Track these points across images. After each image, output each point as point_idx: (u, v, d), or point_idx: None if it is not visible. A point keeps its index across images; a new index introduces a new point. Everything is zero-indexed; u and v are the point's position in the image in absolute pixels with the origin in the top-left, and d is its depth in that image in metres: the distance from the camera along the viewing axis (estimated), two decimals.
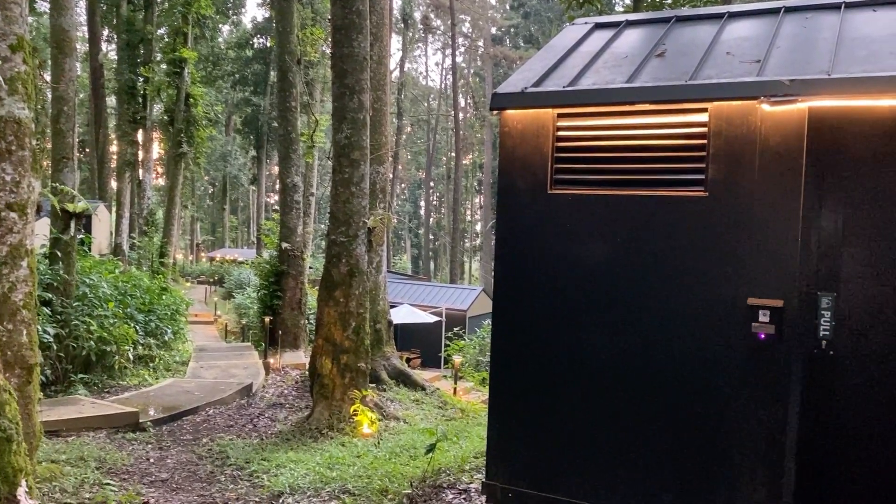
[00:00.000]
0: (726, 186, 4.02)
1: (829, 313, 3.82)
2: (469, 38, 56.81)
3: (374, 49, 12.42)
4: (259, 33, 42.78)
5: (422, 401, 11.92)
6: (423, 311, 23.40)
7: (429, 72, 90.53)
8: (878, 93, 3.63)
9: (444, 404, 11.99)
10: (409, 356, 19.32)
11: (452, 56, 47.80)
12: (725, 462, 4.01)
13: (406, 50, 51.67)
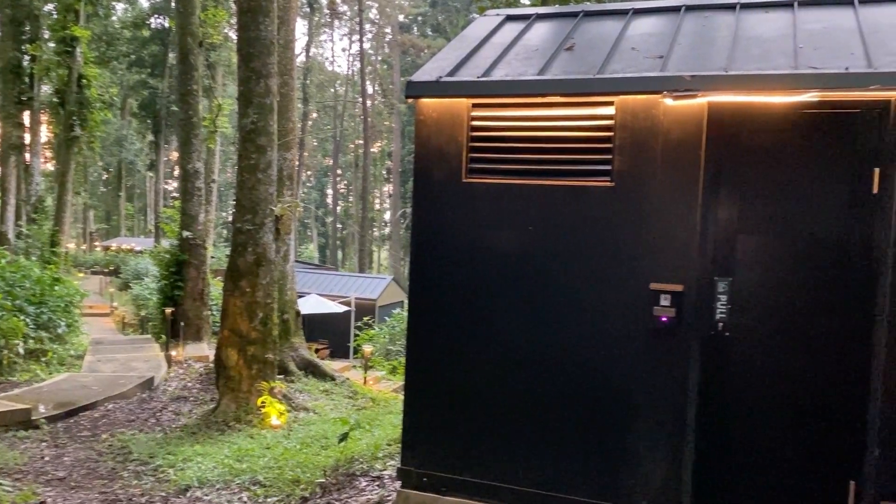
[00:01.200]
0: (631, 177, 4.19)
1: (725, 297, 4.06)
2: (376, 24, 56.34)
3: (281, 32, 12.13)
4: (157, 13, 40.95)
5: (331, 391, 11.84)
6: (332, 300, 23.18)
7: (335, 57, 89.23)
8: (771, 89, 3.87)
9: (354, 394, 11.96)
10: (318, 347, 19.11)
11: (360, 42, 47.35)
12: (631, 440, 4.20)
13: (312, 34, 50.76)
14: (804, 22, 4.53)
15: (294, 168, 13.84)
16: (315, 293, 23.42)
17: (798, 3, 4.79)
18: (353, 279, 27.80)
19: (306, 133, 49.68)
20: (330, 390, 11.90)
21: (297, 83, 30.09)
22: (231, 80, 33.12)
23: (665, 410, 4.15)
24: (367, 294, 25.23)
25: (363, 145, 49.02)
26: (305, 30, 49.11)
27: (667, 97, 4.03)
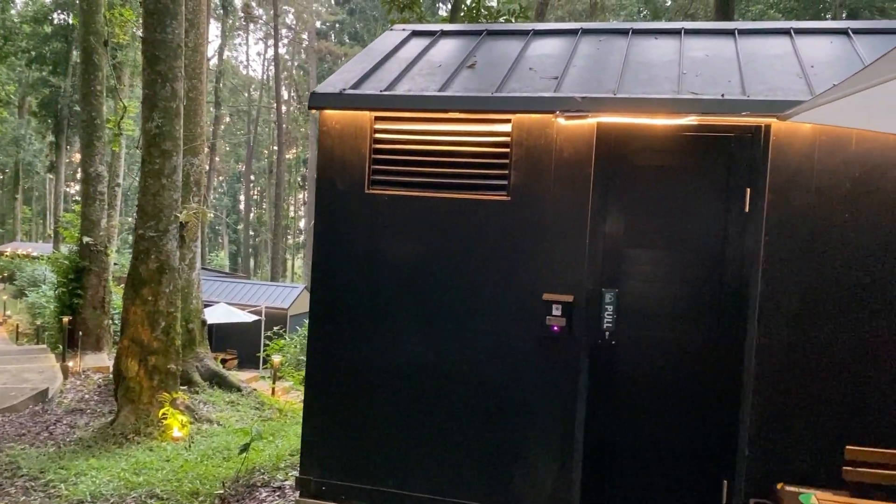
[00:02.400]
0: (527, 192, 4.37)
1: (611, 307, 4.29)
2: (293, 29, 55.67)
3: (190, 35, 11.91)
4: (60, 8, 39.18)
5: (237, 402, 11.62)
6: (242, 309, 22.69)
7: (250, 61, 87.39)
8: (655, 112, 4.12)
9: (261, 405, 11.77)
10: (226, 357, 18.69)
11: (275, 47, 46.65)
12: (525, 444, 4.36)
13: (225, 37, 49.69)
14: (689, 49, 4.84)
15: (202, 173, 13.55)
16: (224, 302, 22.88)
17: (685, 32, 5.12)
18: (264, 288, 27.29)
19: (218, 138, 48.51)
20: (236, 401, 11.68)
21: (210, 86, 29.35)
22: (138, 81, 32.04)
23: (557, 415, 4.33)
24: (279, 303, 24.83)
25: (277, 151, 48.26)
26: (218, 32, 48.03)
27: (559, 117, 4.23)
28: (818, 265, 3.99)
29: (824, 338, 3.99)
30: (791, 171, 4.01)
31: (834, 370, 3.97)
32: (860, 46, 4.63)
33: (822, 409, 3.98)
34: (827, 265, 3.98)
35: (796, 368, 4.02)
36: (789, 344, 4.02)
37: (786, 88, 4.09)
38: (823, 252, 3.98)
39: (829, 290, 3.98)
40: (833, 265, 3.97)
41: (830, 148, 3.96)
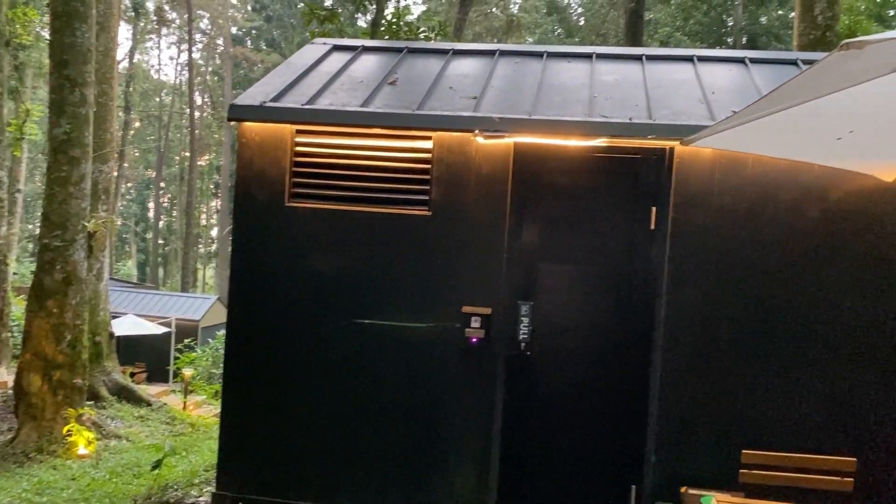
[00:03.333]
0: (447, 207, 4.48)
1: (527, 319, 4.44)
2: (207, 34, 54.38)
3: (101, 39, 11.53)
4: None
5: (147, 417, 11.28)
6: (151, 321, 21.92)
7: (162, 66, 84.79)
8: (567, 134, 4.31)
9: (172, 420, 11.46)
10: (134, 370, 18.01)
11: (189, 52, 45.48)
12: (444, 455, 4.46)
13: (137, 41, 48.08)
14: (600, 73, 5.07)
15: (111, 181, 13.10)
16: (132, 313, 22.05)
17: (596, 56, 5.37)
18: (174, 299, 26.45)
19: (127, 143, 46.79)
20: (146, 416, 11.33)
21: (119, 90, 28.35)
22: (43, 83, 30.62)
23: (475, 424, 4.45)
24: (190, 314, 24.11)
25: (190, 158, 46.92)
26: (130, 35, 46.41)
27: (478, 136, 4.36)
28: (718, 279, 4.26)
29: (725, 348, 4.25)
30: (693, 191, 4.27)
31: (733, 379, 4.24)
32: (756, 75, 4.97)
33: (723, 415, 4.24)
34: (726, 279, 4.25)
35: (699, 378, 4.27)
36: (692, 354, 4.27)
37: (689, 113, 4.36)
38: (723, 267, 4.25)
39: (729, 303, 4.25)
40: (732, 279, 4.25)
41: (729, 170, 4.24)
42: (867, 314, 4.14)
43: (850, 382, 4.14)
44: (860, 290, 4.15)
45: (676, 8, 24.31)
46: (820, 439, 4.09)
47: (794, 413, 4.17)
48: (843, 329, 4.15)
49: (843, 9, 13.53)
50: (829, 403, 4.14)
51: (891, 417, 4.10)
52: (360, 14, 20.38)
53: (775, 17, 24.19)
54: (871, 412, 4.11)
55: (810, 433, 4.12)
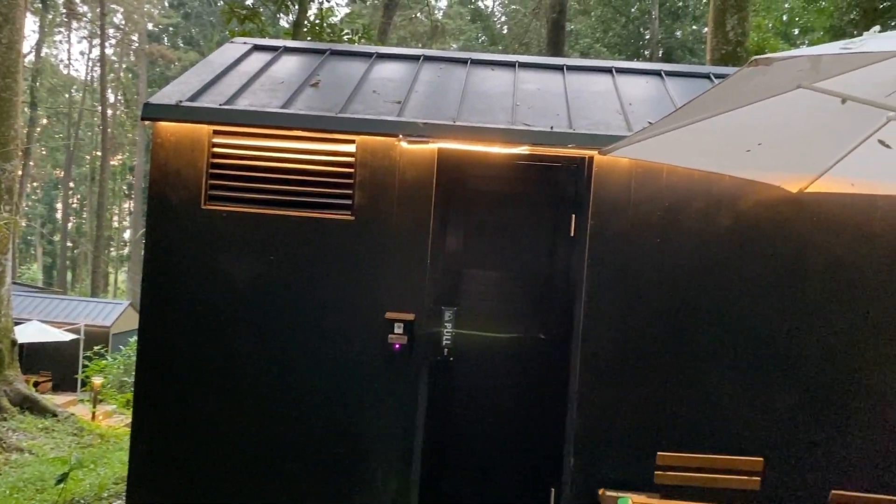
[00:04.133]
0: (370, 212, 4.44)
1: (450, 325, 4.44)
2: (122, 30, 52.43)
3: (4, 31, 10.96)
4: None
5: (53, 428, 10.74)
6: (58, 328, 20.92)
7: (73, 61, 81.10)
8: (491, 141, 4.34)
9: (80, 431, 10.95)
10: (39, 379, 17.14)
11: (101, 47, 43.70)
12: (366, 462, 4.40)
13: (44, 33, 45.90)
14: (522, 82, 5.14)
15: (15, 180, 12.43)
16: (37, 319, 20.98)
17: (519, 65, 5.43)
18: (83, 304, 25.31)
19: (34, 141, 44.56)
20: (51, 427, 10.78)
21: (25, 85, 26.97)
22: None
23: (397, 431, 4.41)
24: (100, 321, 23.12)
25: (101, 157, 45.07)
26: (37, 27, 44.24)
27: (403, 140, 4.34)
28: (635, 285, 4.37)
29: (640, 352, 4.36)
30: (611, 199, 4.37)
31: (649, 382, 4.35)
32: (671, 87, 5.14)
33: (640, 418, 4.35)
34: (642, 285, 4.37)
35: (617, 381, 4.36)
36: (610, 359, 4.37)
37: (607, 123, 4.47)
38: (639, 273, 4.37)
39: (645, 309, 4.36)
40: (647, 285, 4.37)
41: (645, 179, 4.36)
42: (774, 319, 4.32)
43: (758, 385, 4.31)
44: (768, 296, 4.33)
45: (597, 20, 24.98)
46: (730, 440, 4.24)
47: (707, 415, 4.32)
48: (752, 333, 4.33)
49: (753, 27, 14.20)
50: (739, 406, 4.31)
51: (795, 419, 4.30)
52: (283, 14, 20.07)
53: (689, 32, 25.17)
54: (777, 414, 4.30)
55: (721, 434, 4.27)
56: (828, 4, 17.46)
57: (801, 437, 4.29)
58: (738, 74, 2.29)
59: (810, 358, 4.31)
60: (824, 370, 4.30)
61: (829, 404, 4.30)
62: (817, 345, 4.31)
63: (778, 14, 20.98)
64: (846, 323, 4.31)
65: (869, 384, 4.29)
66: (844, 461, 4.27)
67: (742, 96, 2.97)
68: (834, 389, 4.30)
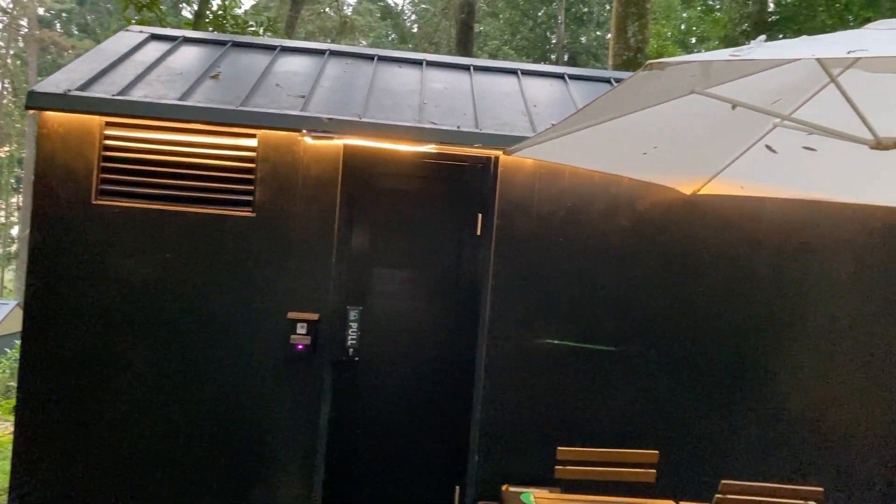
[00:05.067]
0: (273, 209, 4.33)
1: (356, 324, 4.39)
2: (9, 13, 49.31)
3: None
4: None
5: None
6: None
7: None
8: (398, 138, 4.32)
9: None
10: None
11: None
12: (268, 464, 4.29)
13: None
14: (430, 80, 5.14)
15: None
16: None
17: (426, 63, 5.43)
18: None
19: None
20: None
21: None
22: None
23: (301, 432, 4.33)
24: None
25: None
26: None
27: (307, 136, 4.26)
28: (539, 283, 4.44)
29: (544, 350, 4.44)
30: (516, 199, 4.42)
31: (552, 379, 4.43)
32: (573, 90, 5.25)
33: (543, 415, 4.42)
34: (546, 283, 4.44)
35: (521, 379, 4.42)
36: (514, 357, 4.42)
37: (512, 124, 4.52)
38: (543, 271, 4.44)
39: (548, 306, 4.44)
40: (551, 283, 4.44)
41: (549, 180, 4.44)
42: (670, 315, 4.49)
43: (654, 380, 4.47)
44: (664, 293, 4.49)
45: (505, 22, 25.33)
46: (629, 434, 4.37)
47: (607, 410, 4.44)
48: (649, 330, 4.48)
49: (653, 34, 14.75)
50: (636, 400, 4.45)
51: (688, 413, 4.48)
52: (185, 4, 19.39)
53: (594, 38, 25.88)
54: (672, 407, 4.47)
55: (620, 428, 4.40)
56: (722, 16, 18.35)
57: (695, 429, 4.48)
58: (634, 78, 2.35)
59: (703, 352, 4.50)
60: (716, 364, 4.50)
61: (720, 397, 4.50)
62: (710, 339, 4.50)
63: (677, 23, 21.89)
64: (737, 318, 4.52)
65: (758, 377, 4.52)
66: (735, 451, 4.48)
67: (639, 100, 3.05)
68: (725, 382, 4.50)
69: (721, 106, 3.15)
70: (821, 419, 4.54)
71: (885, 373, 4.56)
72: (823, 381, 4.55)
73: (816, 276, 4.55)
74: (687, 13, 21.51)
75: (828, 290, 4.55)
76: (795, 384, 4.53)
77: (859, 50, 2.04)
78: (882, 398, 4.56)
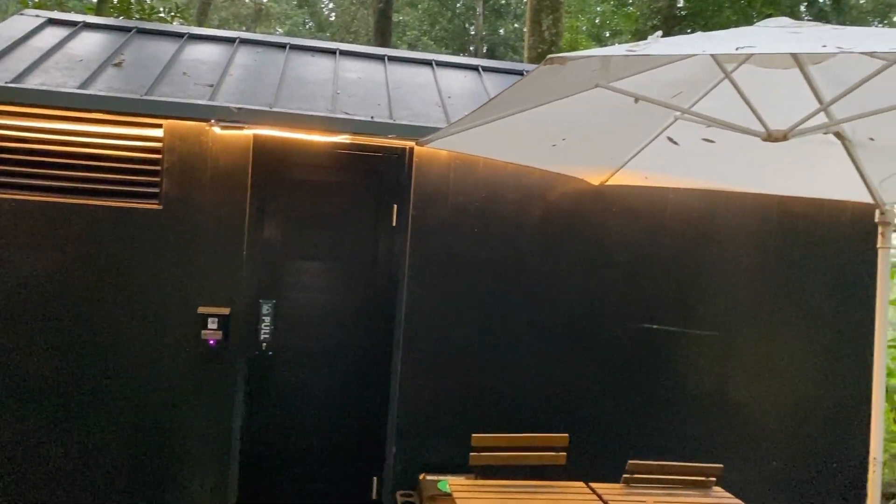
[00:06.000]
0: (180, 201, 4.21)
1: (269, 318, 4.33)
2: None
3: None
4: None
5: None
6: None
7: None
8: (310, 128, 4.26)
9: None
10: None
11: None
12: (180, 462, 4.19)
13: None
14: (343, 70, 5.09)
15: None
16: None
17: (340, 52, 5.38)
18: None
19: None
20: None
21: None
22: None
23: (214, 429, 4.24)
24: None
25: None
26: None
27: (215, 126, 4.15)
28: (454, 273, 4.48)
29: (459, 340, 4.49)
30: (431, 189, 4.44)
31: (467, 368, 4.49)
32: (487, 82, 5.31)
33: (459, 402, 4.48)
34: (461, 272, 4.49)
35: (437, 367, 4.46)
36: (430, 347, 4.46)
37: (427, 115, 4.53)
38: (458, 261, 4.48)
39: (463, 296, 4.49)
40: (466, 272, 4.49)
41: (463, 170, 4.48)
42: (580, 303, 4.61)
43: (565, 365, 4.58)
44: (574, 281, 4.61)
45: (423, 13, 25.29)
46: (541, 419, 4.47)
47: (521, 396, 4.53)
48: (560, 317, 4.59)
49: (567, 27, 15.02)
50: (548, 385, 4.56)
51: (596, 398, 4.62)
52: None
53: (512, 30, 26.16)
54: (582, 393, 4.60)
55: (533, 414, 4.50)
56: (634, 10, 18.88)
57: (604, 412, 4.62)
58: (537, 72, 2.39)
59: (611, 336, 4.64)
60: (624, 348, 4.66)
61: (628, 381, 4.66)
62: (619, 325, 4.65)
63: (591, 16, 22.38)
64: (644, 305, 4.68)
65: (665, 361, 4.70)
66: (642, 432, 4.65)
67: (546, 93, 3.12)
68: (633, 367, 4.67)
69: (625, 99, 3.25)
70: (722, 400, 4.77)
71: (782, 354, 4.83)
72: (724, 362, 4.77)
73: (717, 262, 4.76)
74: (601, 7, 22.02)
75: (728, 275, 4.77)
76: (698, 366, 4.74)
77: (747, 47, 2.14)
78: (778, 379, 4.83)
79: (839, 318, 4.87)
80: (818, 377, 4.87)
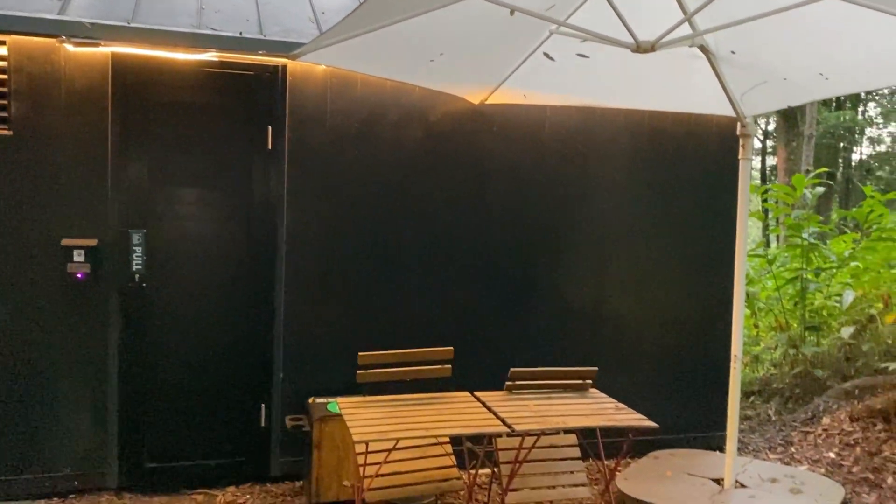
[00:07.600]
0: (33, 126, 3.89)
1: (140, 249, 4.12)
2: None
3: None
4: None
5: None
6: None
7: None
8: (173, 46, 4.00)
9: None
10: None
11: None
12: (54, 403, 4.01)
13: None
14: None
15: None
16: None
17: None
18: None
19: None
20: None
21: None
22: None
23: (88, 367, 4.07)
24: None
25: None
26: None
27: (66, 43, 3.82)
28: (334, 198, 4.40)
29: (344, 265, 4.45)
30: (308, 110, 4.30)
31: (353, 291, 4.48)
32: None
33: (345, 327, 4.47)
34: (343, 197, 4.42)
35: (322, 293, 4.42)
36: (315, 270, 4.40)
37: (299, 31, 4.34)
38: (338, 185, 4.40)
39: (346, 220, 4.44)
40: (348, 197, 4.43)
41: (340, 90, 4.36)
42: (463, 223, 4.66)
43: (449, 284, 4.65)
44: (457, 202, 4.64)
45: None
46: (426, 337, 4.52)
47: (407, 319, 4.58)
48: (444, 238, 4.63)
49: None
50: (433, 305, 4.62)
51: (480, 314, 4.73)
52: None
53: None
54: (468, 310, 4.70)
55: (418, 333, 4.55)
56: None
57: (487, 327, 4.75)
58: None
59: (495, 256, 4.74)
60: (507, 266, 4.77)
61: (511, 297, 4.79)
62: (499, 243, 4.75)
63: None
64: (525, 223, 4.79)
65: (540, 274, 4.85)
66: (523, 346, 4.82)
67: (422, 2, 3.04)
68: (515, 283, 4.79)
69: (501, 13, 3.22)
70: (599, 312, 5.00)
71: (653, 266, 5.09)
72: (601, 277, 4.99)
73: (594, 180, 4.91)
74: None
75: (604, 192, 4.94)
76: (577, 281, 4.93)
77: None
78: (651, 290, 5.10)
79: (706, 230, 5.15)
80: (687, 287, 5.17)
